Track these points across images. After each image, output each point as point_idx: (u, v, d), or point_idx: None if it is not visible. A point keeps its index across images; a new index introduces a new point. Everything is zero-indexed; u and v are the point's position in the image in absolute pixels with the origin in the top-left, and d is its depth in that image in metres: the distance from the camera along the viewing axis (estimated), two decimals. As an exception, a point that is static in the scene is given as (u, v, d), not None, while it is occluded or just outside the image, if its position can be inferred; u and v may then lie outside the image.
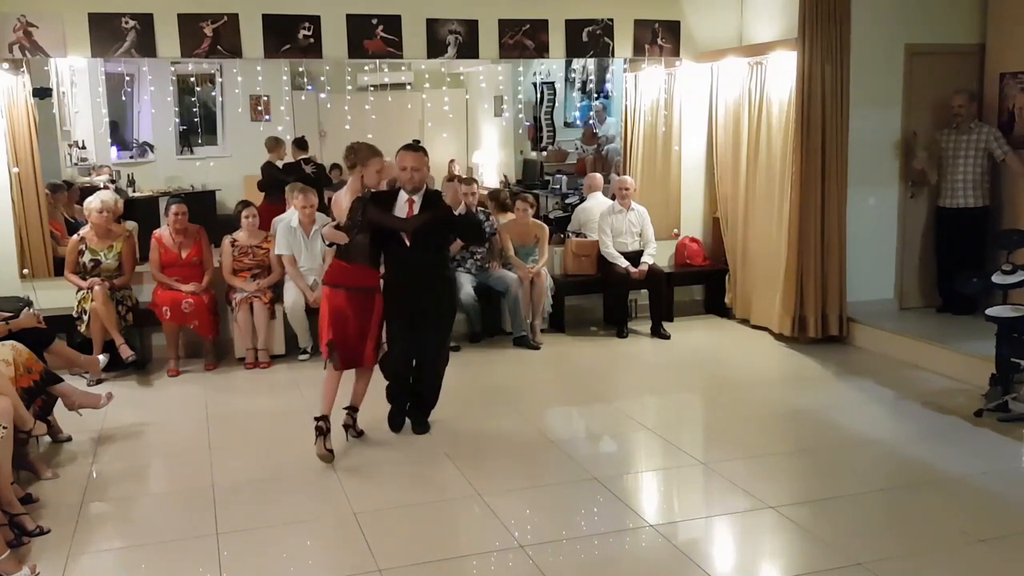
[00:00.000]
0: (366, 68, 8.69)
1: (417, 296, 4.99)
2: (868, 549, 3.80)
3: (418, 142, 5.01)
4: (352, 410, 5.18)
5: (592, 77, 10.73)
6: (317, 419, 4.88)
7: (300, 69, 9.75)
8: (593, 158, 10.30)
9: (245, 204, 7.23)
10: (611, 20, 7.75)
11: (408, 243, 4.89)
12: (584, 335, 7.67)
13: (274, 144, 9.10)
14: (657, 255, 7.65)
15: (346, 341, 4.91)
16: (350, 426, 5.17)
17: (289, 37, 7.07)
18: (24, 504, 4.14)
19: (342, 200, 4.96)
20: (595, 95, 10.70)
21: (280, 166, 8.99)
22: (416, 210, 4.92)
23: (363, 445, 5.09)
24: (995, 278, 5.54)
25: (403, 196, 4.93)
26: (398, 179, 4.99)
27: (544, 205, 9.68)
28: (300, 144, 9.26)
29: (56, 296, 6.67)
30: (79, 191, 7.83)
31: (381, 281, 5.07)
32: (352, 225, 4.87)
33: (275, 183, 8.52)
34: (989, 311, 5.46)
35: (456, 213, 4.94)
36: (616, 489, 4.48)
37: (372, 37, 7.23)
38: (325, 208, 7.32)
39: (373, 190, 4.95)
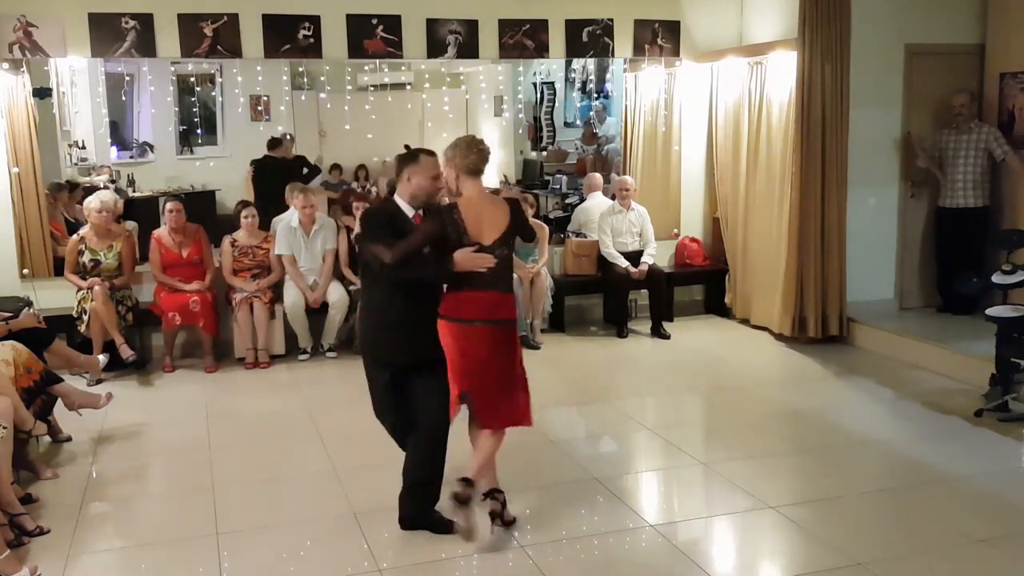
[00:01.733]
0: (366, 68, 8.70)
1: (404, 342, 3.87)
2: (868, 549, 3.80)
3: (407, 147, 4.22)
4: (495, 492, 3.95)
5: (592, 77, 10.73)
6: (461, 480, 3.74)
7: (300, 69, 9.75)
8: (593, 158, 10.30)
9: (245, 204, 7.24)
10: (611, 20, 7.75)
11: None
12: (584, 335, 7.67)
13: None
14: (657, 255, 7.65)
15: (486, 392, 3.83)
16: (499, 514, 3.95)
17: (289, 37, 7.07)
18: (24, 504, 4.14)
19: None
20: (595, 95, 10.70)
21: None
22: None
23: (363, 446, 5.06)
24: (995, 278, 5.54)
25: (411, 210, 3.92)
26: (424, 189, 3.90)
27: (544, 205, 9.67)
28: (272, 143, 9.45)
29: (56, 296, 6.67)
30: (82, 191, 7.83)
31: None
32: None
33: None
34: (989, 311, 5.46)
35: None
36: (616, 489, 4.48)
37: (372, 37, 7.23)
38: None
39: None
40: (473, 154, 3.86)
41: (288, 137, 9.53)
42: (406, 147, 4.12)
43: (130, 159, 10.01)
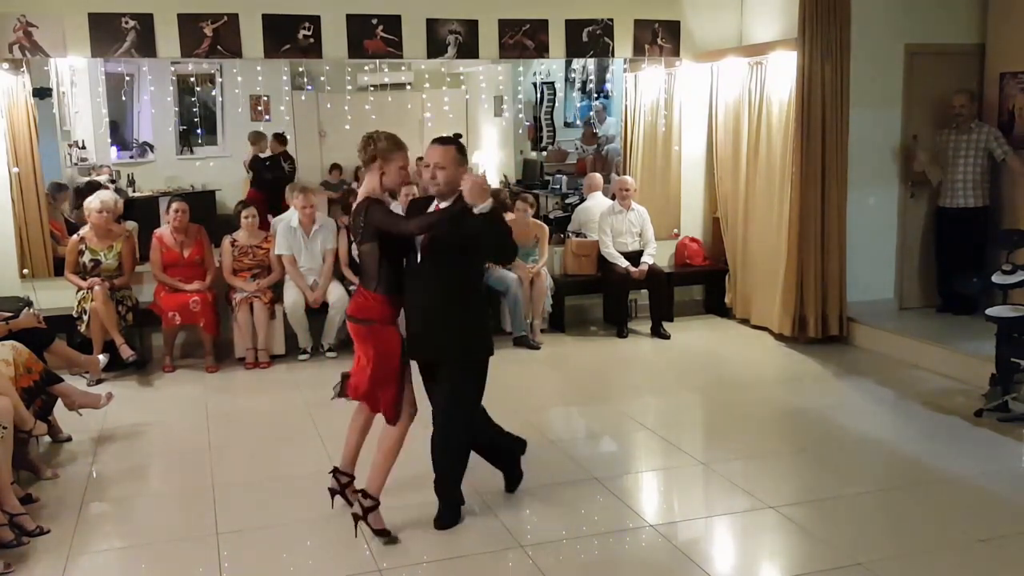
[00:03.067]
0: (366, 68, 8.70)
1: (424, 332, 3.96)
2: (868, 549, 3.80)
3: (459, 135, 4.11)
4: (340, 474, 4.18)
5: (592, 77, 10.73)
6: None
7: (300, 69, 9.76)
8: (593, 158, 10.30)
9: (245, 204, 7.24)
10: (611, 20, 7.75)
11: (419, 254, 3.90)
12: (584, 335, 7.67)
13: (256, 138, 9.61)
14: (657, 255, 7.66)
15: (359, 383, 4.02)
16: (337, 492, 4.16)
17: (289, 37, 7.07)
18: (24, 504, 4.14)
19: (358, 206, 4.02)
20: (595, 95, 10.70)
21: (263, 158, 9.47)
22: None
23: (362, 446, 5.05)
24: (995, 278, 5.54)
25: (434, 203, 3.96)
26: (422, 180, 4.12)
27: (544, 205, 9.68)
28: (279, 139, 9.64)
29: (56, 296, 6.67)
30: (73, 194, 7.83)
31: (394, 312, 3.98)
32: (356, 232, 3.97)
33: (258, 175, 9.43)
34: (989, 311, 5.46)
35: (478, 210, 3.72)
36: (616, 489, 4.48)
37: (372, 37, 7.23)
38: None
39: (408, 195, 4.14)
40: None
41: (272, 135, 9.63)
42: (457, 135, 4.00)
43: (130, 159, 10.00)
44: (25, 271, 6.77)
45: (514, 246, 4.12)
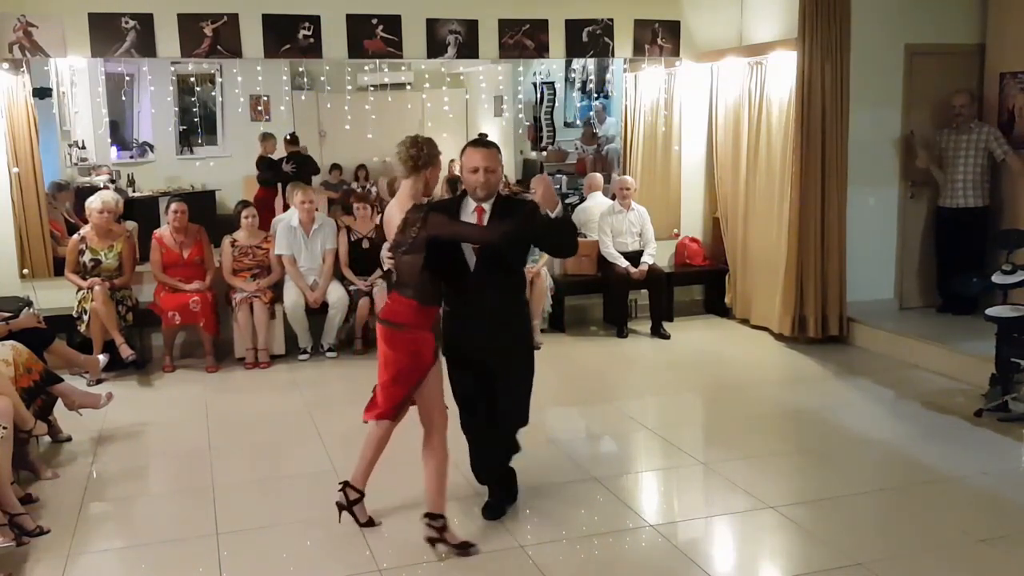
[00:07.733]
0: (366, 68, 8.70)
1: (492, 334, 3.94)
2: (868, 549, 3.80)
3: (485, 136, 4.17)
4: (351, 489, 4.06)
5: (592, 77, 10.73)
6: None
7: (300, 69, 9.75)
8: (593, 158, 10.30)
9: (245, 204, 7.24)
10: (611, 20, 7.75)
11: (476, 262, 3.90)
12: (584, 335, 7.67)
13: (264, 139, 9.54)
14: (657, 255, 7.66)
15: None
16: (345, 508, 4.06)
17: (289, 37, 7.07)
18: (24, 504, 4.14)
19: (394, 213, 3.85)
20: (595, 95, 10.70)
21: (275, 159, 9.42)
22: (486, 221, 3.92)
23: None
24: (995, 278, 5.54)
25: (470, 204, 3.94)
26: (465, 183, 3.97)
27: (544, 205, 9.66)
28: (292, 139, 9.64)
29: (56, 296, 6.67)
30: (75, 192, 7.83)
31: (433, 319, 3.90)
32: (401, 243, 3.80)
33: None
34: (989, 311, 5.46)
35: (552, 215, 3.84)
36: (616, 489, 4.48)
37: (372, 37, 7.23)
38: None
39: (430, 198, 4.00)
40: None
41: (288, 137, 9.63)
42: (482, 135, 4.01)
43: (130, 159, 10.00)
44: (25, 271, 6.77)
45: (576, 238, 4.19)
